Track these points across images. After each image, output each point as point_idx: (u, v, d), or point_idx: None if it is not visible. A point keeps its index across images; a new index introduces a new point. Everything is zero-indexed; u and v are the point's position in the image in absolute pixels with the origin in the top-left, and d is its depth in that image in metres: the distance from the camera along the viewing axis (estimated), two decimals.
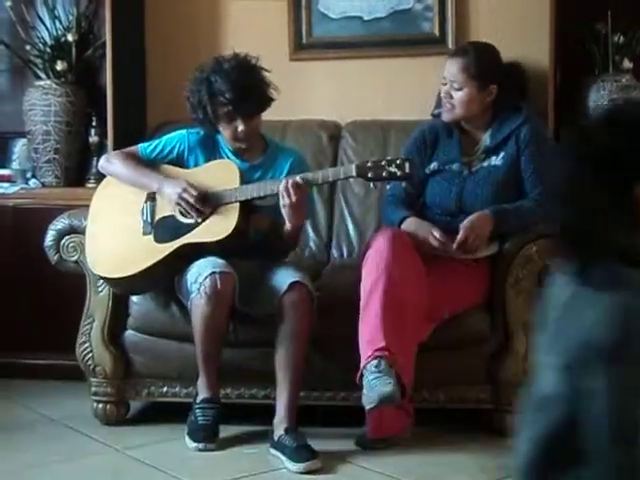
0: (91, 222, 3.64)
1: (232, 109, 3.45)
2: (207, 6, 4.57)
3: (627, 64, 4.11)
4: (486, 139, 3.67)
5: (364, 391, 3.14)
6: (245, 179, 3.50)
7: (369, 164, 3.33)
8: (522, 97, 3.72)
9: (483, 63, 3.60)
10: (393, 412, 3.33)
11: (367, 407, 3.15)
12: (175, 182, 3.51)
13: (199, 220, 3.47)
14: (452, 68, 3.61)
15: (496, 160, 3.62)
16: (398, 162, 3.30)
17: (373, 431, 3.40)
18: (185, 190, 3.46)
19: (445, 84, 3.63)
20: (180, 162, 3.64)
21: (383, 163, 3.31)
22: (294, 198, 3.36)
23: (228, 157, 3.61)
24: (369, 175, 3.32)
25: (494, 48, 3.67)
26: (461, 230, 3.44)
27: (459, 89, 3.59)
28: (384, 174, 3.31)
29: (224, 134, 3.56)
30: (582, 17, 4.12)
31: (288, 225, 3.43)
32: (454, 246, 3.44)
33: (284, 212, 3.39)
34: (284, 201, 3.37)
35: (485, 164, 3.63)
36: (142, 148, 3.67)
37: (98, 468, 3.32)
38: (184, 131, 3.65)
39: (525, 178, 3.60)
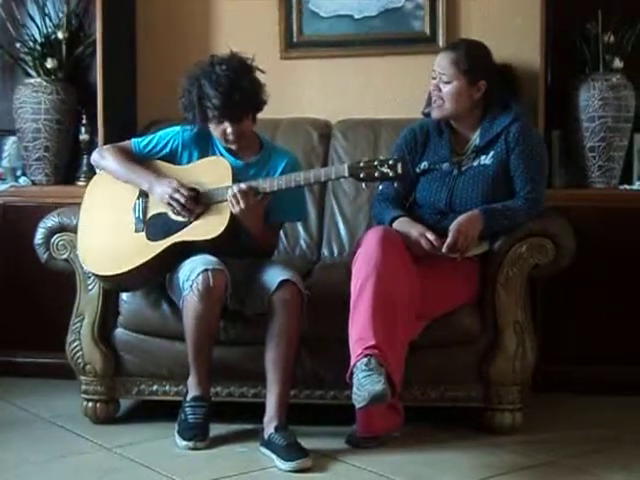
0: (83, 219, 3.63)
1: (218, 114, 3.46)
2: (198, 4, 4.57)
3: (617, 63, 4.12)
4: (476, 138, 3.67)
5: (354, 390, 3.13)
6: (239, 177, 3.49)
7: (361, 164, 3.32)
8: (513, 97, 3.72)
9: (474, 58, 3.60)
10: (383, 410, 3.34)
11: (358, 406, 3.15)
12: (166, 182, 3.50)
13: (191, 219, 3.47)
14: (443, 61, 3.61)
15: (485, 159, 3.62)
16: (390, 162, 3.30)
17: (363, 429, 3.41)
18: (176, 190, 3.46)
19: (435, 78, 3.63)
20: (173, 158, 3.63)
21: (375, 163, 3.31)
22: (242, 205, 3.37)
23: (222, 155, 3.60)
24: (361, 175, 3.32)
25: (486, 46, 3.68)
26: (450, 233, 3.44)
27: (448, 82, 3.59)
28: (376, 174, 3.31)
29: (214, 134, 3.56)
30: (573, 16, 4.12)
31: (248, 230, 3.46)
32: (444, 249, 3.43)
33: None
34: (233, 209, 3.39)
35: (475, 163, 3.63)
36: (135, 143, 3.66)
37: (88, 467, 3.31)
38: (178, 127, 3.65)
39: (514, 177, 3.59)
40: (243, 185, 3.40)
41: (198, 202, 3.47)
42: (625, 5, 4.11)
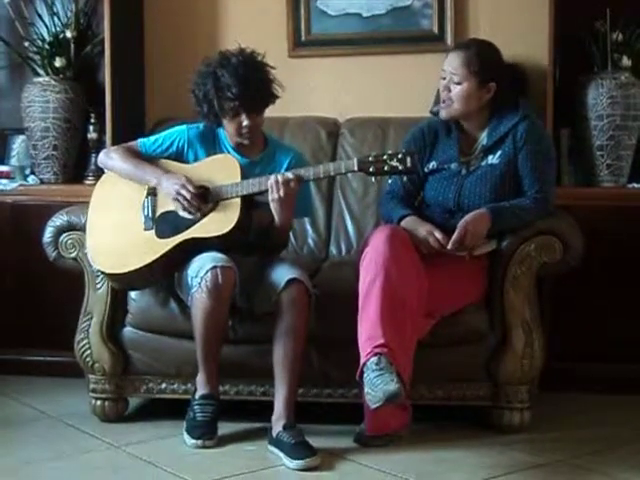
0: (91, 218, 3.63)
1: (237, 104, 3.46)
2: (206, 2, 4.58)
3: (626, 62, 4.11)
4: (484, 138, 3.66)
5: (368, 390, 3.12)
6: (245, 174, 3.49)
7: (370, 158, 3.33)
8: (521, 96, 3.71)
9: (485, 60, 3.58)
10: (392, 409, 3.32)
11: (373, 406, 3.11)
12: (174, 177, 3.50)
13: (197, 216, 3.47)
14: (454, 61, 3.60)
15: (493, 159, 3.61)
16: (400, 156, 3.30)
17: (372, 428, 3.40)
18: (183, 186, 3.46)
19: (444, 78, 3.62)
20: (180, 157, 3.63)
21: (385, 157, 3.31)
22: (282, 193, 3.37)
23: (228, 152, 3.61)
24: (371, 170, 3.32)
25: (496, 47, 3.66)
26: (457, 229, 3.44)
27: (458, 83, 3.58)
28: (386, 168, 3.31)
29: (228, 129, 3.56)
30: (581, 15, 4.11)
31: (277, 221, 3.44)
32: (449, 245, 3.43)
33: (272, 207, 3.41)
34: (272, 195, 3.38)
35: (483, 163, 3.63)
36: (142, 143, 3.67)
37: (96, 465, 3.31)
38: (184, 126, 3.65)
39: (523, 176, 3.59)
40: (289, 173, 3.40)
41: (207, 199, 3.48)
42: (633, 3, 4.11)
